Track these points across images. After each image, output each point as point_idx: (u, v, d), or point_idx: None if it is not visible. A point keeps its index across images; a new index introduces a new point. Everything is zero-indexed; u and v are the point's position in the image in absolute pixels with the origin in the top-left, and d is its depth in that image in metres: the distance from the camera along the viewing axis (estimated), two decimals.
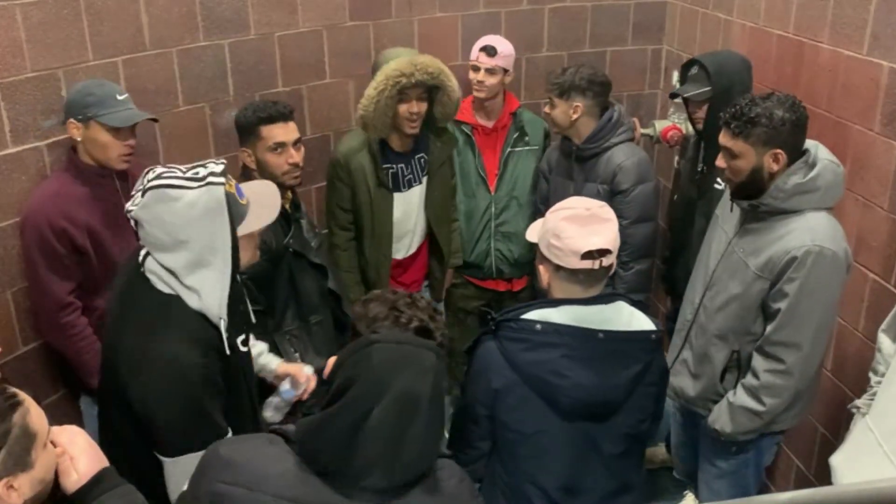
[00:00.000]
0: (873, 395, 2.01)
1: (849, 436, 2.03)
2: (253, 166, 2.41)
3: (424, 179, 2.93)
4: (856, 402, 2.09)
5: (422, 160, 2.91)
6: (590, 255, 1.70)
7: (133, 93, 2.51)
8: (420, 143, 2.89)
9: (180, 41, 2.70)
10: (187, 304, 1.63)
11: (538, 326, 1.71)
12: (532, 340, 1.72)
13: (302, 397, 2.21)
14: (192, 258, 1.62)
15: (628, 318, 1.78)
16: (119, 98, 2.26)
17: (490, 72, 3.01)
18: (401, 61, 2.64)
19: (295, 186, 2.48)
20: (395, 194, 2.87)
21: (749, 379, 2.17)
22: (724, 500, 2.43)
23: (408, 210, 2.92)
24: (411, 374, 1.26)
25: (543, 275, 1.81)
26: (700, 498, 2.57)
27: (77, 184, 2.28)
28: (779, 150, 2.03)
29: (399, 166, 2.86)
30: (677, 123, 3.03)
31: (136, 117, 2.27)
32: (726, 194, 2.33)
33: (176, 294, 1.63)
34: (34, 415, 1.21)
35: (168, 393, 1.61)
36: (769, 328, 2.11)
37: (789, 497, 1.07)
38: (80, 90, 2.25)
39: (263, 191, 1.88)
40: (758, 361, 2.15)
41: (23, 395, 1.23)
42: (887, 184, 2.28)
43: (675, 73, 3.10)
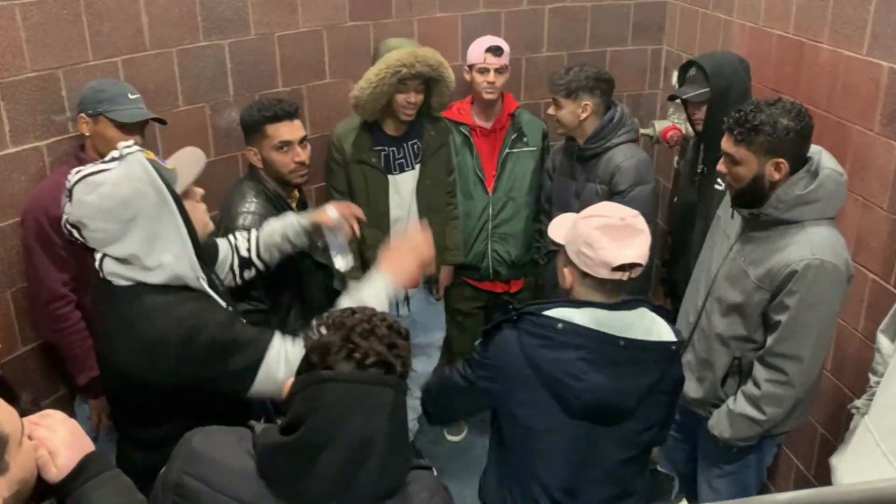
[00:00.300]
0: (872, 395, 2.01)
1: (848, 436, 2.03)
2: (259, 165, 2.43)
3: (418, 166, 2.96)
4: (855, 402, 2.10)
5: (415, 146, 2.95)
6: (621, 268, 1.67)
7: None
8: (414, 130, 2.92)
9: (180, 41, 2.70)
10: (154, 284, 1.60)
11: (560, 325, 1.69)
12: (552, 338, 1.70)
13: (352, 229, 2.24)
14: (145, 235, 1.59)
15: (649, 325, 1.76)
16: (131, 97, 2.32)
17: (499, 71, 3.03)
18: (402, 52, 2.69)
19: (301, 185, 2.51)
20: (389, 177, 2.90)
21: (750, 388, 2.16)
22: (723, 499, 2.43)
23: (401, 194, 2.95)
24: (364, 415, 1.18)
25: (567, 277, 1.78)
26: (700, 497, 2.56)
27: None
28: (781, 160, 2.00)
29: (391, 149, 2.90)
30: (677, 124, 3.03)
31: (144, 115, 2.33)
32: (728, 196, 2.32)
33: (138, 282, 1.60)
34: (3, 417, 1.15)
35: (198, 350, 1.60)
36: (770, 340, 2.10)
37: (789, 497, 1.07)
38: (94, 87, 2.32)
39: (184, 154, 1.89)
40: (759, 371, 2.14)
41: None
42: (887, 184, 2.28)
43: (675, 74, 3.10)
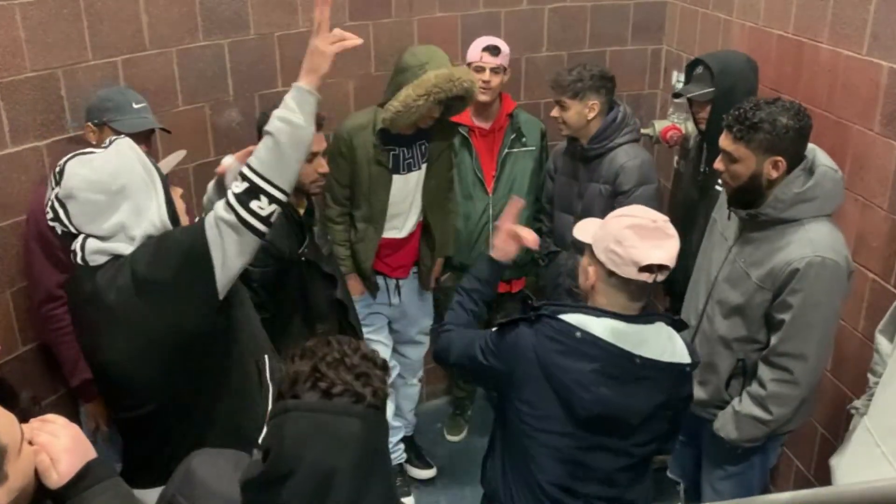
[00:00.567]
0: (872, 395, 2.01)
1: (848, 436, 2.03)
2: None
3: (424, 166, 2.97)
4: (854, 402, 2.10)
5: (423, 146, 2.95)
6: (649, 268, 1.66)
7: None
8: (422, 130, 2.92)
9: (180, 41, 2.70)
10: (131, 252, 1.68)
11: (578, 334, 1.69)
12: (568, 346, 1.69)
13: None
14: (133, 205, 1.66)
15: (665, 341, 1.75)
16: (135, 106, 2.33)
17: (495, 71, 3.02)
18: (441, 77, 2.67)
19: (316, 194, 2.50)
20: (395, 176, 2.91)
21: (755, 388, 2.15)
22: (725, 500, 2.43)
23: (405, 192, 2.96)
24: (324, 448, 1.16)
25: (591, 276, 1.76)
26: (704, 499, 2.56)
27: None
28: (779, 158, 2.01)
29: (401, 150, 2.90)
30: (677, 123, 3.03)
31: (147, 125, 2.34)
32: (723, 198, 2.32)
33: (118, 254, 1.67)
34: (2, 427, 1.14)
35: (140, 263, 1.66)
36: (774, 339, 2.09)
37: (789, 497, 1.07)
38: (101, 96, 2.34)
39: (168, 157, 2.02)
40: (764, 372, 2.13)
41: None
42: (887, 184, 2.29)
43: (675, 73, 3.10)
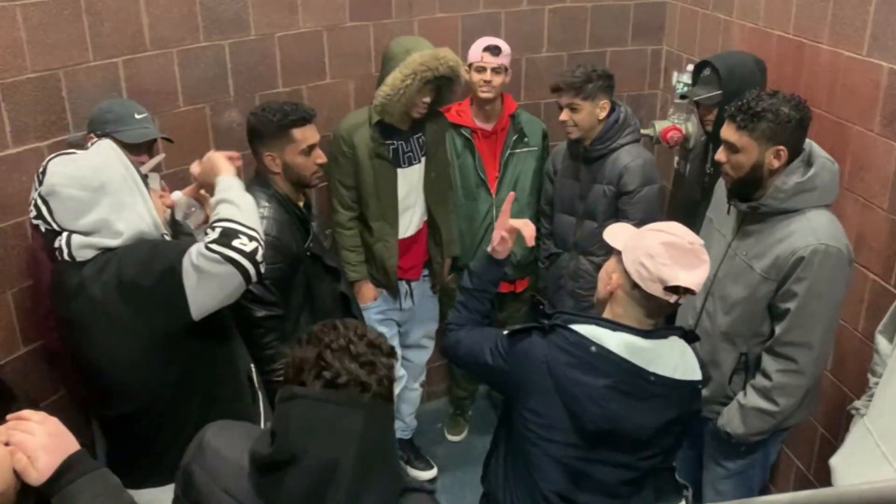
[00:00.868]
0: (871, 395, 2.01)
1: (848, 437, 2.03)
2: (277, 170, 2.35)
3: (423, 159, 2.99)
4: (854, 403, 2.10)
5: (420, 139, 2.98)
6: (675, 289, 1.63)
7: (133, 94, 2.53)
8: (417, 123, 2.95)
9: (181, 42, 2.70)
10: (118, 246, 1.72)
11: (593, 349, 1.66)
12: (581, 359, 1.67)
13: (203, 217, 2.13)
14: (114, 201, 1.72)
15: (678, 358, 1.73)
16: (137, 117, 2.33)
17: (496, 71, 3.03)
18: (425, 55, 2.72)
19: (316, 186, 2.52)
20: (398, 170, 2.93)
21: (760, 380, 2.16)
22: (727, 500, 2.44)
23: (409, 187, 2.98)
24: (327, 438, 1.16)
25: (613, 282, 1.72)
26: (705, 498, 2.56)
27: None
28: (781, 147, 2.03)
29: (399, 143, 2.93)
30: (677, 124, 3.03)
31: (149, 135, 2.35)
32: (718, 196, 2.34)
33: (106, 248, 1.72)
34: None
35: (129, 265, 1.71)
36: (779, 329, 2.10)
37: (790, 498, 1.07)
38: (103, 107, 2.34)
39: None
40: (768, 363, 2.14)
41: None
42: (887, 184, 2.29)
43: (675, 74, 3.10)
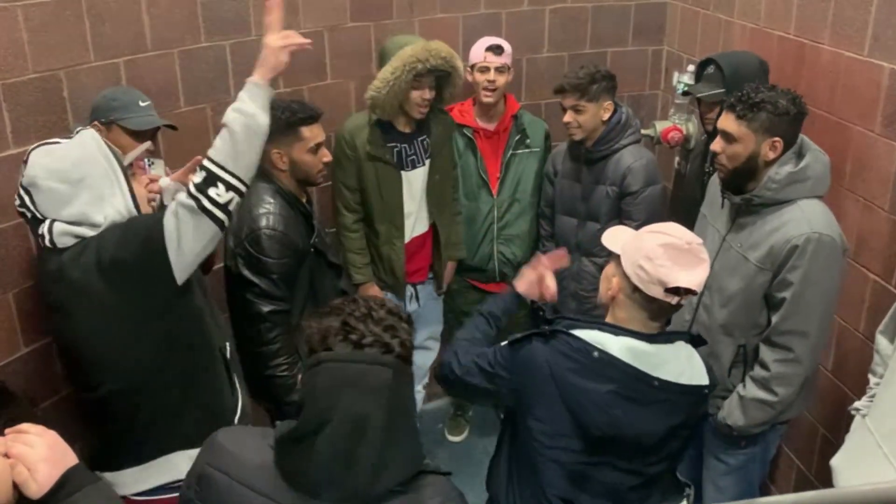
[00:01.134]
0: (872, 396, 2.01)
1: (849, 437, 2.03)
2: (283, 167, 2.37)
3: (428, 162, 2.97)
4: (855, 403, 2.09)
5: (424, 142, 2.95)
6: (675, 291, 1.62)
7: None
8: (422, 126, 2.93)
9: (182, 42, 2.70)
10: (98, 231, 1.78)
11: (595, 354, 1.64)
12: (584, 365, 1.65)
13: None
14: (93, 194, 1.76)
15: (684, 363, 1.71)
16: (142, 104, 2.33)
17: (499, 70, 3.02)
18: (416, 47, 2.71)
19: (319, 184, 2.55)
20: (402, 173, 2.92)
21: (758, 371, 2.19)
22: (729, 499, 2.44)
23: (412, 190, 2.96)
24: (357, 394, 1.21)
25: (614, 286, 1.72)
26: (705, 495, 2.57)
27: None
28: (777, 139, 2.08)
29: (403, 146, 2.91)
30: (678, 124, 3.03)
31: (155, 122, 2.35)
32: (712, 192, 2.37)
33: (86, 237, 1.77)
34: None
35: (109, 242, 1.77)
36: (775, 318, 2.13)
37: (794, 499, 1.07)
38: (107, 95, 2.33)
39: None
40: (766, 353, 2.17)
41: None
42: (888, 185, 2.29)
43: (676, 74, 3.10)
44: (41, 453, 1.23)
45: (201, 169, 1.78)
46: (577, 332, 1.68)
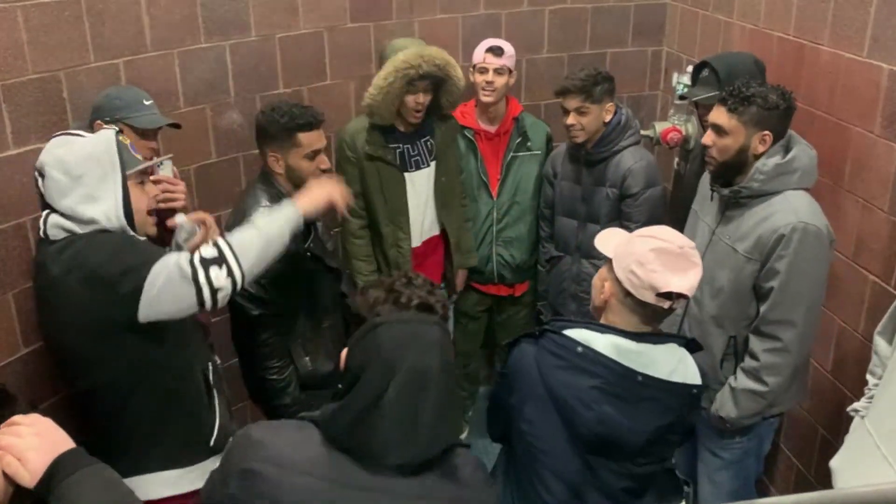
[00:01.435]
0: (871, 397, 2.01)
1: (848, 438, 2.03)
2: (280, 171, 2.36)
3: (433, 163, 2.96)
4: (854, 405, 2.09)
5: (428, 143, 2.94)
6: (667, 295, 1.62)
7: None
8: (425, 127, 2.92)
9: (181, 43, 2.70)
10: (87, 231, 1.81)
11: (579, 349, 1.65)
12: (569, 361, 1.66)
13: (200, 239, 2.11)
14: (85, 192, 1.80)
15: (675, 363, 1.70)
16: (146, 103, 2.34)
17: (498, 72, 3.01)
18: (409, 53, 2.70)
19: None
20: (406, 174, 2.90)
21: (748, 362, 2.22)
22: (725, 493, 2.45)
23: (417, 192, 2.94)
24: (418, 350, 1.30)
25: (606, 291, 1.72)
26: (701, 491, 2.57)
27: None
28: (767, 133, 2.13)
29: (405, 146, 2.90)
30: (677, 125, 3.03)
31: (161, 121, 2.36)
32: (703, 189, 2.41)
33: (75, 233, 1.81)
34: None
35: (90, 257, 1.78)
36: (763, 308, 2.17)
37: (793, 500, 1.07)
38: (110, 94, 2.33)
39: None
40: (755, 343, 2.21)
41: None
42: (887, 185, 2.29)
43: (676, 75, 3.10)
44: (30, 442, 1.23)
45: (214, 246, 1.80)
46: (567, 332, 1.70)
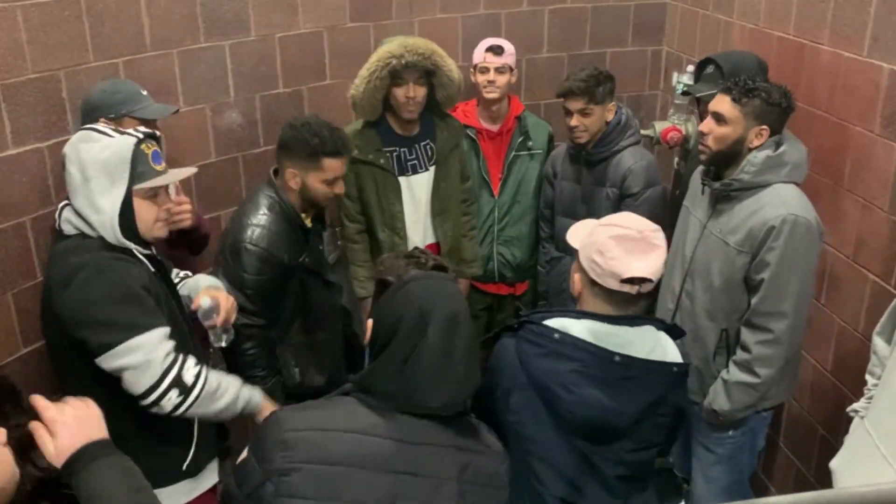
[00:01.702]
0: (870, 397, 2.01)
1: (847, 439, 2.03)
2: (295, 188, 2.33)
3: (432, 168, 2.90)
4: (854, 405, 2.09)
5: (428, 147, 2.88)
6: (630, 281, 1.65)
7: None
8: (426, 130, 2.86)
9: (181, 42, 2.70)
10: (91, 235, 1.83)
11: (556, 336, 1.67)
12: (547, 348, 1.68)
13: (223, 321, 2.07)
14: (89, 198, 1.79)
15: (653, 344, 1.72)
16: (143, 93, 2.31)
17: (499, 70, 3.00)
18: (392, 44, 2.65)
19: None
20: (400, 178, 2.85)
21: (740, 354, 2.25)
22: (720, 489, 2.46)
23: (415, 197, 2.89)
24: (446, 298, 1.47)
25: (577, 283, 1.76)
26: (696, 489, 2.58)
27: None
28: (765, 127, 2.17)
29: (402, 150, 2.84)
30: (677, 124, 3.03)
31: (168, 110, 2.33)
32: (693, 185, 2.43)
33: (84, 232, 1.83)
34: None
35: (91, 290, 1.77)
36: (754, 300, 2.20)
37: (792, 500, 1.07)
38: (106, 90, 2.27)
39: (185, 169, 2.06)
40: (746, 335, 2.23)
41: None
42: (887, 185, 2.29)
43: (675, 75, 3.10)
44: (67, 421, 1.27)
45: (196, 376, 1.85)
46: (545, 322, 1.72)
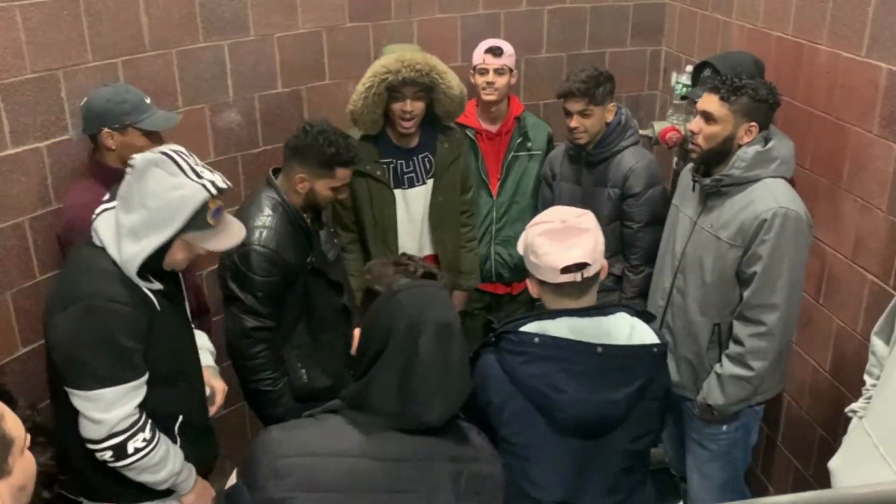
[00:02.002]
0: (869, 398, 2.01)
1: (846, 439, 2.03)
2: (302, 191, 2.33)
3: (430, 181, 2.85)
4: (852, 405, 2.09)
5: (426, 160, 2.82)
6: (568, 269, 1.68)
7: None
8: (426, 142, 2.80)
9: (180, 42, 2.70)
10: (111, 255, 1.77)
11: (536, 339, 1.68)
12: (531, 353, 1.69)
13: (217, 408, 2.16)
14: (137, 224, 1.73)
15: (629, 330, 1.74)
16: (147, 101, 2.28)
17: (499, 72, 2.99)
18: (389, 58, 2.60)
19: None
20: (396, 191, 2.80)
21: (733, 347, 2.27)
22: (715, 485, 2.46)
23: (412, 211, 2.85)
24: (437, 307, 1.40)
25: (533, 287, 1.81)
26: (691, 486, 2.58)
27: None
28: (754, 124, 2.21)
29: (399, 162, 2.78)
30: (676, 125, 3.03)
31: (171, 120, 2.31)
32: (682, 184, 2.47)
33: (101, 249, 1.77)
34: (9, 421, 1.17)
35: (80, 327, 1.74)
36: (747, 293, 2.23)
37: (791, 500, 1.07)
38: (112, 98, 2.21)
39: (236, 233, 1.90)
40: (739, 329, 2.26)
41: None
42: (886, 185, 2.29)
43: (675, 75, 3.10)
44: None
45: (147, 443, 1.83)
46: (522, 328, 1.73)
